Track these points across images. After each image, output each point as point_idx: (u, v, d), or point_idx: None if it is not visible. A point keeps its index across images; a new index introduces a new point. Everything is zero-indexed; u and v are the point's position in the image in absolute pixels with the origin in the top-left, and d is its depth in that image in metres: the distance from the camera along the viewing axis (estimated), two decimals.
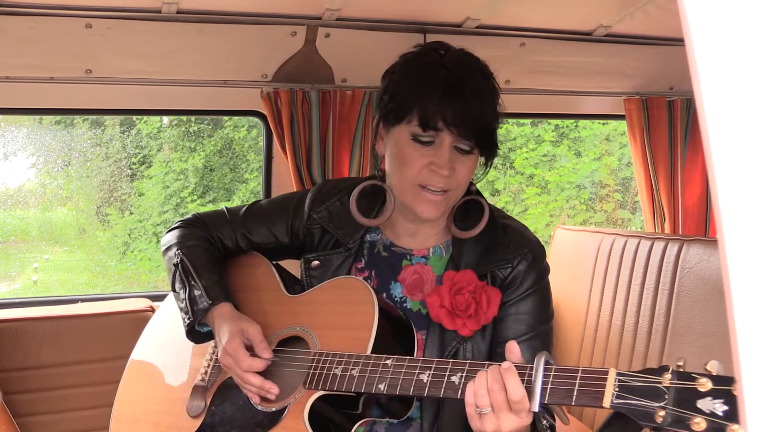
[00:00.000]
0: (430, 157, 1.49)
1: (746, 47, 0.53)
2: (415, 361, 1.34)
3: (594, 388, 1.12)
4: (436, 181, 1.49)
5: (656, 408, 1.05)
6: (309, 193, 1.76)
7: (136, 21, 2.42)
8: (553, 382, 1.16)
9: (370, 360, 1.38)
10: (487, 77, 1.53)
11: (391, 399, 1.48)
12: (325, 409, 1.46)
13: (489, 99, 1.51)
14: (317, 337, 1.52)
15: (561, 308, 2.85)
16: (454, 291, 1.50)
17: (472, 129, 1.47)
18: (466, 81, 1.48)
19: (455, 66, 1.49)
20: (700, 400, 1.02)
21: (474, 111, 1.47)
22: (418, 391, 1.30)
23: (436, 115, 1.45)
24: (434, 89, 1.46)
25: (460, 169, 1.51)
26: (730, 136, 0.53)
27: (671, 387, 1.05)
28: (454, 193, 1.54)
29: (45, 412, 2.48)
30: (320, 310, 1.57)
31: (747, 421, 0.53)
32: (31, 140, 9.92)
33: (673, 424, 1.03)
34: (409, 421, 1.58)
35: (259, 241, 1.76)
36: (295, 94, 2.67)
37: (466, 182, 1.56)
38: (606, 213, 9.66)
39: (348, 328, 1.48)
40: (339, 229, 1.67)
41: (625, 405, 1.08)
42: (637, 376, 1.09)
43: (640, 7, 2.56)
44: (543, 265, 1.58)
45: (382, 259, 1.65)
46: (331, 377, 1.41)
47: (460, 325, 1.50)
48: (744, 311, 0.53)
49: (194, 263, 1.64)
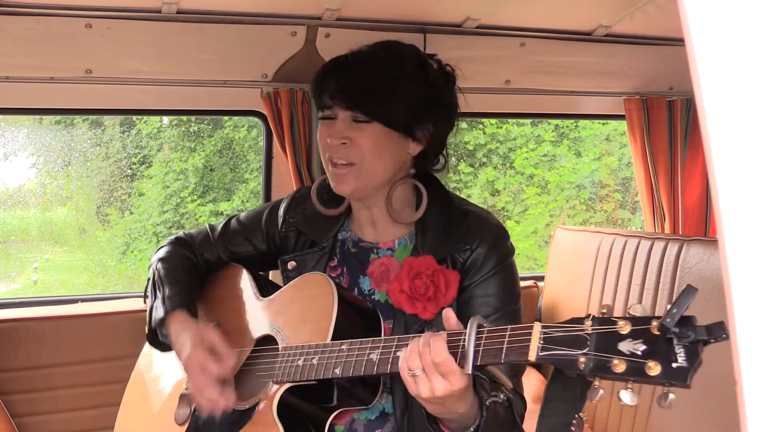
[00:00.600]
0: (328, 132, 1.57)
1: (746, 47, 0.53)
2: (366, 342, 1.38)
3: (521, 344, 1.13)
4: (334, 151, 1.56)
5: (578, 355, 1.06)
6: (284, 200, 1.83)
7: (136, 21, 2.41)
8: (485, 344, 1.18)
9: (328, 347, 1.43)
10: (400, 58, 1.58)
11: (354, 384, 1.52)
12: (296, 402, 1.49)
13: (391, 72, 1.55)
14: (285, 334, 1.57)
15: (561, 308, 2.86)
16: (413, 275, 1.53)
17: (362, 99, 1.53)
18: (361, 58, 1.58)
19: (361, 49, 1.60)
20: (621, 342, 1.03)
21: (364, 81, 1.54)
22: (369, 370, 1.34)
23: (323, 92, 1.56)
24: (328, 71, 1.59)
25: (359, 137, 1.54)
26: (730, 136, 0.53)
27: (593, 333, 1.06)
28: (362, 164, 1.56)
29: (45, 412, 2.48)
30: (287, 308, 1.62)
31: (747, 421, 0.53)
32: (31, 140, 9.93)
33: (594, 369, 1.04)
34: (386, 416, 1.60)
35: (238, 251, 1.82)
36: (295, 94, 2.67)
37: (374, 153, 1.56)
38: (606, 213, 9.66)
39: (311, 321, 1.53)
40: (313, 230, 1.73)
41: (550, 356, 1.09)
42: (561, 327, 1.10)
43: (640, 7, 2.56)
44: (505, 245, 1.60)
45: (352, 255, 1.70)
46: (294, 368, 1.45)
47: (420, 309, 1.53)
48: (744, 311, 0.53)
49: (163, 277, 1.71)
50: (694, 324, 0.98)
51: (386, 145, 1.56)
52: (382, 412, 1.60)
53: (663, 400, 0.98)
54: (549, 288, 2.98)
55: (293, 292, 1.64)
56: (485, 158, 9.53)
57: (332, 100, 1.55)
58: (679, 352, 0.98)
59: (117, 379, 1.86)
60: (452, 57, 1.67)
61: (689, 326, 0.98)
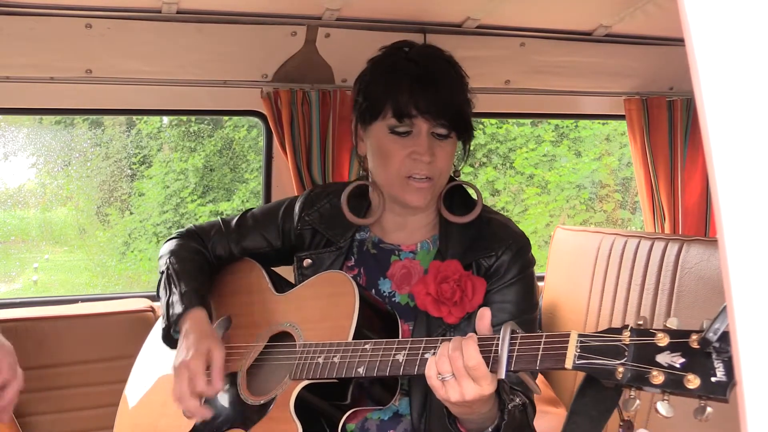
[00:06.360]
0: (410, 147, 1.54)
1: (746, 47, 0.53)
2: (392, 343, 1.38)
3: (557, 351, 1.14)
4: (419, 168, 1.54)
5: (616, 365, 1.07)
6: (299, 197, 1.82)
7: (136, 21, 2.41)
8: (518, 350, 1.19)
9: (351, 346, 1.42)
10: (453, 66, 1.60)
11: (374, 384, 1.52)
12: (312, 399, 1.49)
13: (458, 84, 1.58)
14: (303, 331, 1.56)
15: (561, 308, 2.86)
16: (440, 279, 1.53)
17: (446, 113, 1.53)
18: (433, 69, 1.55)
19: (421, 58, 1.57)
20: (659, 354, 1.04)
21: (445, 95, 1.53)
22: (395, 371, 1.34)
23: (409, 105, 1.51)
24: (403, 81, 1.52)
25: (440, 154, 1.55)
26: (730, 136, 0.53)
27: (631, 344, 1.07)
28: (438, 180, 1.58)
29: (45, 412, 2.48)
30: (305, 305, 1.62)
31: (747, 420, 0.53)
32: (31, 140, 9.92)
33: (632, 380, 1.05)
34: (399, 417, 1.60)
35: (252, 247, 1.81)
36: (295, 94, 2.67)
37: (449, 168, 1.60)
38: (606, 213, 9.66)
39: (330, 318, 1.52)
40: (330, 229, 1.72)
41: (586, 365, 1.10)
42: (598, 336, 1.11)
43: (640, 7, 2.56)
44: (527, 256, 1.62)
45: (371, 256, 1.70)
46: (314, 366, 1.45)
47: (446, 313, 1.53)
48: (744, 311, 0.53)
49: (178, 272, 1.69)
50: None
51: (453, 156, 1.60)
52: (396, 413, 1.60)
53: (700, 414, 0.98)
54: (549, 288, 2.98)
55: (312, 289, 1.63)
56: (485, 158, 9.53)
57: (421, 114, 1.52)
58: (718, 367, 0.99)
59: (117, 379, 1.85)
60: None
61: (729, 341, 0.99)
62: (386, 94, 1.53)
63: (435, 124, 1.53)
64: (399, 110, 1.52)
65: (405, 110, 1.51)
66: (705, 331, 0.99)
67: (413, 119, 1.52)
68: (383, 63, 1.60)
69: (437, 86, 1.52)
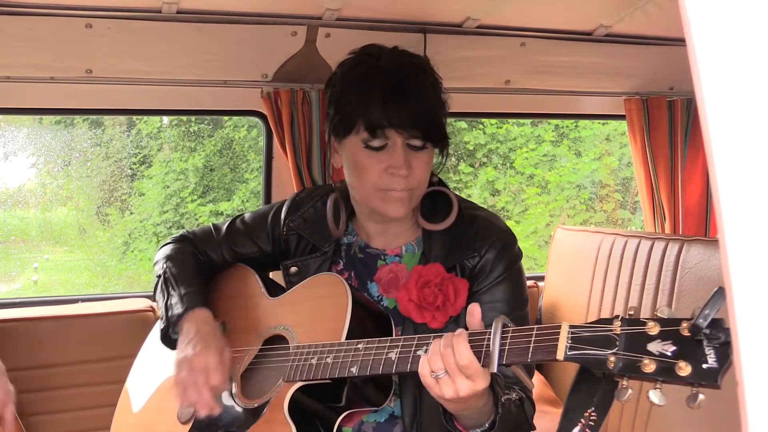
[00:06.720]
0: (385, 162, 1.52)
1: (747, 47, 0.53)
2: (384, 341, 1.38)
3: (548, 343, 1.14)
4: (396, 183, 1.52)
5: (608, 355, 1.07)
6: (286, 201, 1.81)
7: (136, 21, 2.41)
8: (510, 343, 1.19)
9: (343, 346, 1.42)
10: (424, 71, 1.56)
11: (367, 385, 1.51)
12: (306, 401, 1.49)
13: (431, 92, 1.54)
14: (296, 333, 1.56)
15: (561, 308, 2.86)
16: (421, 284, 1.53)
17: (419, 124, 1.50)
18: (405, 80, 1.51)
19: (391, 67, 1.53)
20: (650, 343, 1.04)
21: (417, 107, 1.50)
22: (388, 369, 1.34)
23: (382, 120, 1.48)
24: (375, 95, 1.49)
25: (417, 165, 1.53)
26: (730, 136, 0.53)
27: (622, 333, 1.08)
28: (417, 190, 1.56)
29: (45, 412, 2.48)
30: (298, 307, 1.62)
31: (748, 422, 0.52)
32: (31, 140, 9.92)
33: (624, 369, 1.05)
34: (395, 419, 1.60)
35: (244, 252, 1.82)
36: (295, 94, 2.67)
37: (426, 177, 1.58)
38: (606, 213, 9.66)
39: (324, 320, 1.52)
40: (313, 234, 1.72)
41: (578, 356, 1.10)
42: (589, 327, 1.11)
43: (640, 7, 2.56)
44: (513, 251, 1.60)
45: (359, 260, 1.70)
46: (308, 367, 1.45)
47: (429, 318, 1.53)
48: (744, 311, 0.53)
49: (175, 274, 1.70)
50: (724, 326, 0.99)
51: (430, 165, 1.58)
52: (392, 414, 1.60)
53: (692, 401, 0.99)
54: (549, 288, 2.98)
55: (305, 292, 1.63)
56: (485, 158, 9.53)
57: (394, 127, 1.48)
58: (709, 354, 0.99)
59: (117, 379, 1.85)
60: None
61: (719, 328, 0.99)
62: (358, 108, 1.51)
63: (409, 135, 1.50)
64: (371, 124, 1.49)
65: (377, 124, 1.48)
66: (695, 318, 1.00)
67: (386, 132, 1.49)
68: (353, 73, 1.56)
69: (409, 97, 1.49)
